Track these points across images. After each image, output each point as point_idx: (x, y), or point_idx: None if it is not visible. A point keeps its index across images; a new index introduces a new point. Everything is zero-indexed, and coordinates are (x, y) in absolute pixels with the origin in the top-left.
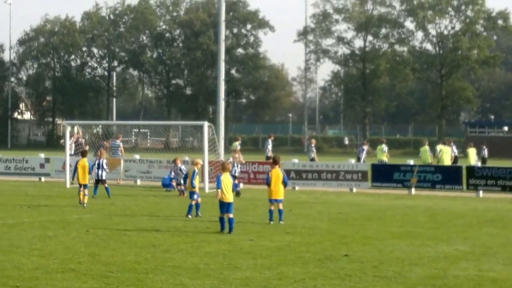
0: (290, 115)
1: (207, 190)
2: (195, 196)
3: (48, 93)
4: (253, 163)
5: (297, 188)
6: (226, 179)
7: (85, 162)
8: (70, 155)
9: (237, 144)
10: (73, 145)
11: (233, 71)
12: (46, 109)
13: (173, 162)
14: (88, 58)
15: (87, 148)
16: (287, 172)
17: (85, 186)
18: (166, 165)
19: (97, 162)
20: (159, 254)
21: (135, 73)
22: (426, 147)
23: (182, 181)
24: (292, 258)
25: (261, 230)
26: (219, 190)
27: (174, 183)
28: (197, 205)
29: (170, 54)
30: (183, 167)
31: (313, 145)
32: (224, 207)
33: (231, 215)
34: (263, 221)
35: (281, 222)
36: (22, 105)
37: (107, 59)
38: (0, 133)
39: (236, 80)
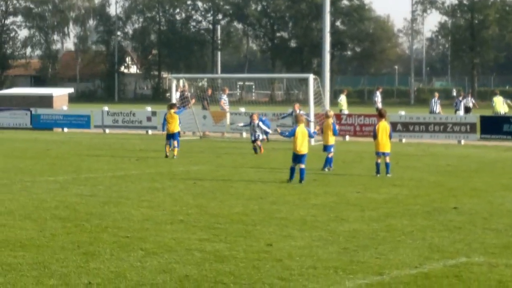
0: (396, 67)
1: (312, 143)
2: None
3: (153, 47)
4: (358, 116)
5: (404, 140)
6: (301, 131)
7: (172, 113)
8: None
9: (341, 97)
10: (179, 98)
11: (338, 23)
12: (152, 63)
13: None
14: (193, 12)
15: (193, 101)
16: (394, 124)
17: (173, 136)
18: (272, 118)
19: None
20: (266, 206)
21: (240, 26)
22: None
23: (259, 137)
24: (400, 210)
25: (367, 183)
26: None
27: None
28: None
29: (275, 7)
30: (261, 123)
31: (461, 98)
32: (297, 158)
33: (302, 166)
34: (369, 174)
35: (388, 175)
36: (128, 59)
37: (211, 12)
38: (107, 86)
39: (341, 32)
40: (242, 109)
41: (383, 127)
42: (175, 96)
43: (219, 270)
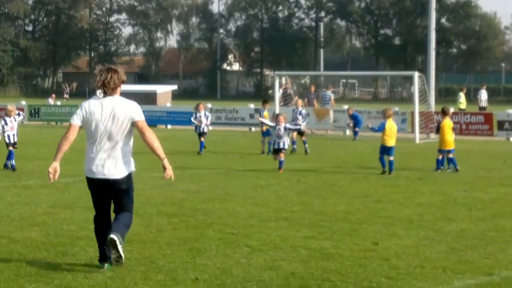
0: (503, 64)
1: (417, 141)
2: None
3: (256, 44)
4: (465, 114)
5: (511, 139)
6: (390, 125)
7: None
8: (279, 105)
9: (460, 95)
10: (282, 96)
11: (443, 20)
12: (254, 60)
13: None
14: (296, 9)
15: (296, 98)
16: (501, 123)
17: (263, 134)
18: (376, 115)
19: (197, 114)
20: (370, 204)
21: (343, 23)
22: None
23: (285, 145)
24: (509, 211)
25: (474, 182)
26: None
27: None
28: None
29: (378, 4)
30: (290, 126)
31: None
32: (386, 150)
33: (391, 158)
34: (476, 173)
35: (449, 169)
36: (230, 56)
37: (314, 9)
38: (210, 84)
39: (447, 29)
40: (346, 107)
41: (448, 124)
42: (278, 94)
43: (325, 268)
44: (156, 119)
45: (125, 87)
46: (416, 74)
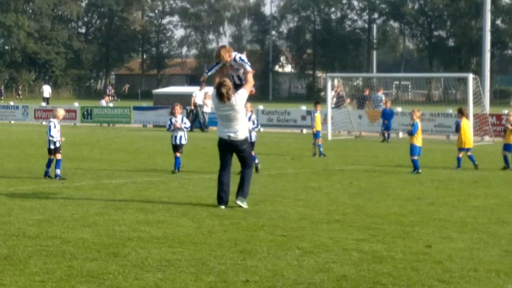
0: None
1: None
2: None
3: (308, 46)
4: None
5: None
6: (419, 125)
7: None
8: (332, 107)
9: None
10: (334, 98)
11: (498, 21)
12: (306, 62)
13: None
14: (348, 11)
15: (348, 101)
16: None
17: (315, 136)
18: (429, 118)
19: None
20: (424, 207)
21: (396, 25)
22: None
23: None
24: None
25: None
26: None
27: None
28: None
29: (432, 5)
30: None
31: None
32: (416, 150)
33: (416, 157)
34: None
35: (478, 165)
36: (282, 58)
37: (367, 11)
38: (262, 85)
39: (502, 30)
40: (399, 109)
41: (466, 124)
42: (330, 95)
43: (377, 270)
44: (208, 120)
45: (175, 89)
46: (471, 76)
